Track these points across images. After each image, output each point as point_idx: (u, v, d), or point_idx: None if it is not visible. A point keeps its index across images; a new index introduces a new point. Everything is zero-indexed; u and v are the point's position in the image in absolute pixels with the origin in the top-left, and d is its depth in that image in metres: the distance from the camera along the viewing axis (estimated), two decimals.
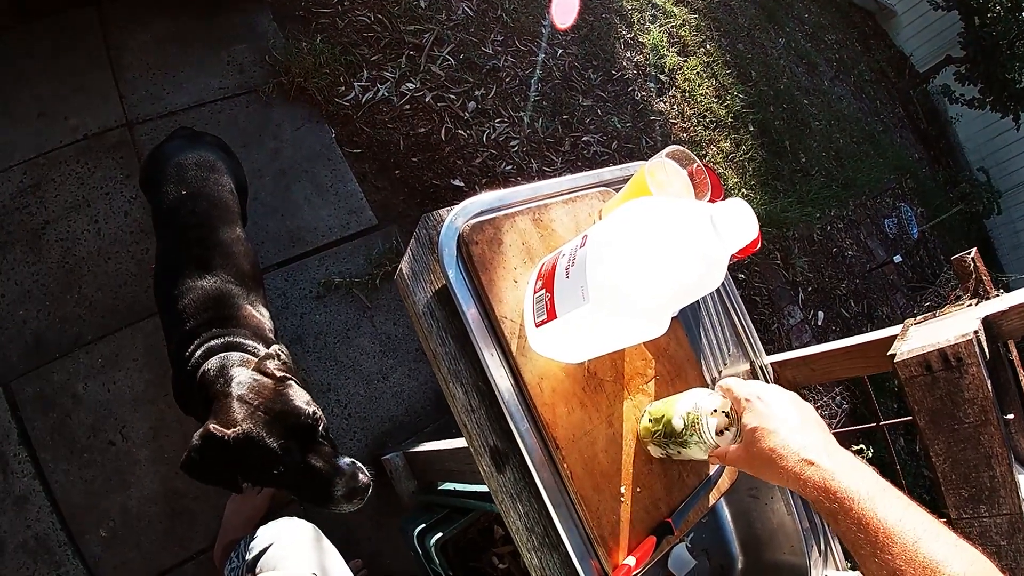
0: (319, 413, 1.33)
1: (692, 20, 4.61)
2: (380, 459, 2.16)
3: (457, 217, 1.06)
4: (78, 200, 2.25)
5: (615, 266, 0.81)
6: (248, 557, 1.43)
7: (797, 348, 3.65)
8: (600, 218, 1.23)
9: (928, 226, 6.00)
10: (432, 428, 2.41)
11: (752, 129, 4.42)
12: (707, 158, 3.94)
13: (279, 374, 1.33)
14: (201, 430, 1.22)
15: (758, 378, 1.49)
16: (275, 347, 1.42)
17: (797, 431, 0.84)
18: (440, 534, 1.62)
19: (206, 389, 1.37)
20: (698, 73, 4.31)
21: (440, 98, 2.95)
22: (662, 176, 1.12)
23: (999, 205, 6.89)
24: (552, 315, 0.93)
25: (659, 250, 0.78)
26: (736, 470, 1.25)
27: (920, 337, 1.14)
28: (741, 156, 4.17)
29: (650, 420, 1.10)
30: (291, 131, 2.66)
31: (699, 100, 4.18)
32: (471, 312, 1.01)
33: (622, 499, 1.05)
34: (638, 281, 0.79)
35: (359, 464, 1.36)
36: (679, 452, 1.06)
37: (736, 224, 0.75)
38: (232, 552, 1.56)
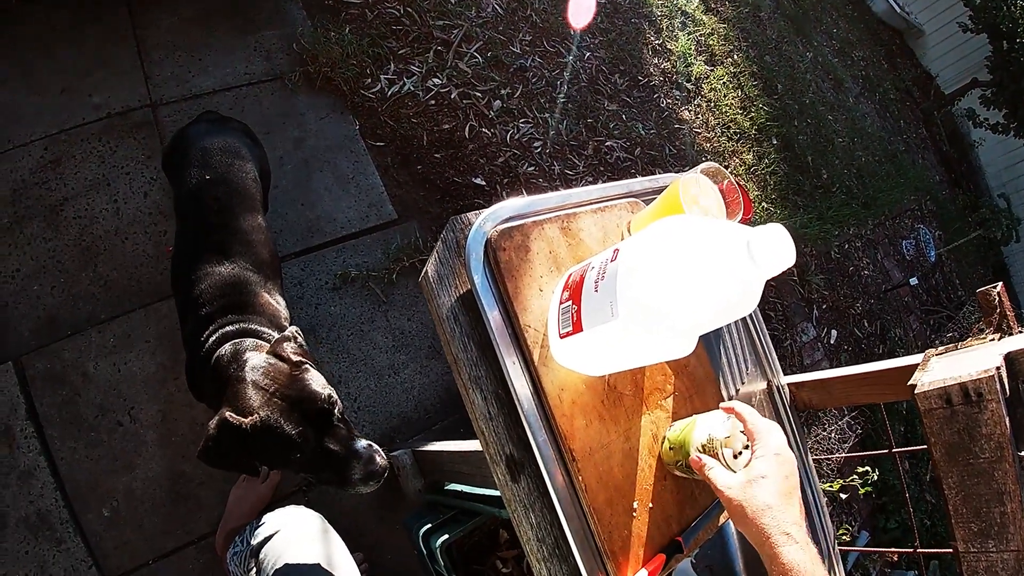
0: (335, 397, 1.32)
1: (721, 30, 4.59)
2: (388, 455, 2.15)
3: (486, 222, 1.05)
4: (98, 178, 2.25)
5: (647, 284, 0.80)
6: (253, 542, 1.43)
7: (809, 365, 3.65)
8: (628, 230, 1.21)
9: (945, 250, 5.97)
10: (440, 426, 2.40)
11: (775, 142, 4.40)
12: (730, 170, 3.91)
13: (295, 358, 1.33)
14: (217, 418, 1.21)
15: (774, 398, 1.47)
16: (291, 329, 1.42)
17: (788, 497, 0.90)
18: (446, 535, 1.61)
19: (220, 374, 1.37)
20: (724, 83, 4.29)
21: (466, 95, 2.94)
22: (695, 191, 1.11)
23: (1018, 233, 6.84)
24: (578, 328, 0.92)
25: (694, 271, 0.77)
26: None
27: (941, 369, 1.13)
28: (763, 169, 4.15)
29: (671, 448, 1.09)
30: (315, 120, 2.66)
31: (724, 111, 4.16)
32: (495, 319, 1.00)
33: (634, 514, 1.04)
34: (670, 301, 0.78)
35: (375, 447, 1.37)
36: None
37: (774, 251, 0.74)
38: (236, 536, 1.56)
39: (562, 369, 1.02)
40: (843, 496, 3.45)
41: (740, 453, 0.97)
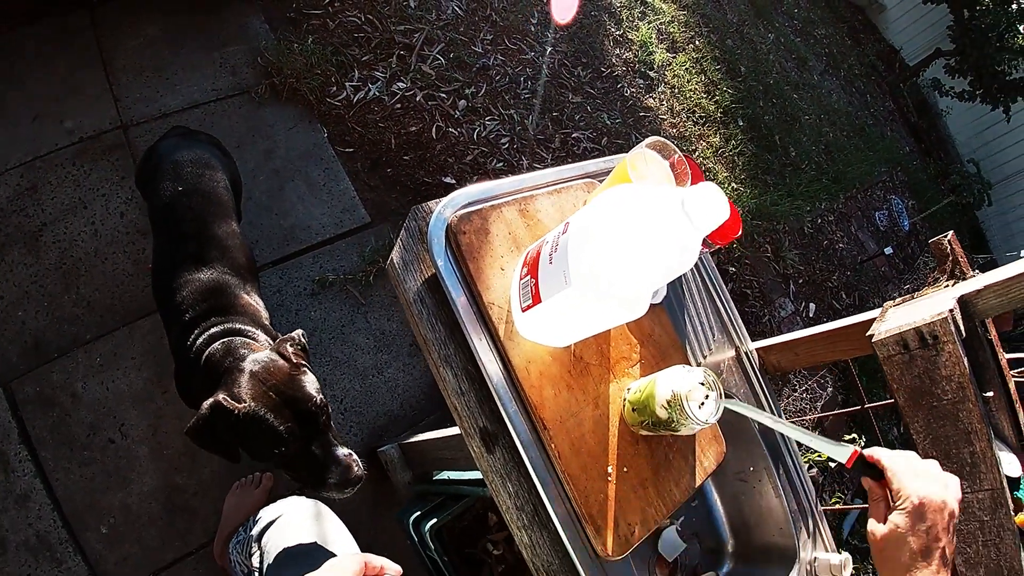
0: (325, 402, 1.36)
1: (681, 17, 4.64)
2: (376, 452, 2.19)
3: (445, 208, 1.09)
4: (75, 202, 2.28)
5: (594, 250, 0.85)
6: (254, 531, 1.47)
7: None
8: None
9: (919, 218, 6.04)
10: (427, 422, 2.43)
11: (742, 124, 4.46)
12: (696, 153, 3.97)
13: (295, 359, 1.36)
14: (211, 400, 1.25)
15: (743, 364, 1.51)
16: (297, 332, 1.45)
17: (926, 554, 0.85)
18: (435, 520, 1.65)
19: (212, 371, 1.40)
20: (687, 69, 4.34)
21: (431, 97, 2.98)
22: (642, 166, 1.15)
23: (990, 196, 6.94)
24: (537, 299, 0.96)
25: (634, 234, 0.81)
26: (721, 452, 1.28)
27: (897, 318, 1.16)
28: (731, 151, 4.20)
29: (634, 410, 1.13)
30: (284, 131, 2.69)
31: (688, 96, 4.21)
32: (460, 299, 1.04)
33: (609, 478, 1.08)
34: (615, 264, 0.83)
35: (355, 456, 1.40)
36: (672, 434, 1.10)
37: (706, 207, 0.78)
38: (240, 527, 1.60)
39: (528, 343, 1.06)
40: (832, 464, 3.49)
41: (703, 403, 1.02)
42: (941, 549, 0.84)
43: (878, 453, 0.90)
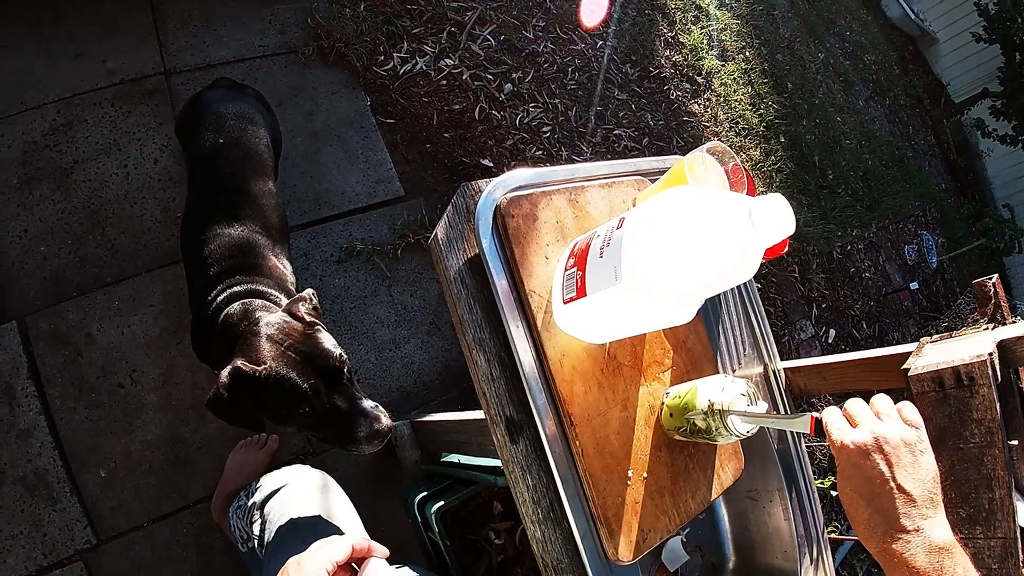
0: (345, 356, 1.34)
1: (734, 25, 4.59)
2: None
3: (496, 189, 1.06)
4: (109, 143, 2.27)
5: (651, 249, 0.82)
6: (258, 498, 1.45)
7: None
8: (634, 205, 1.23)
9: (947, 257, 5.97)
10: (439, 402, 2.42)
11: (783, 140, 4.41)
12: None
13: (308, 318, 1.34)
14: (229, 367, 1.23)
15: (770, 382, 1.49)
16: (308, 291, 1.43)
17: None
18: (441, 503, 1.63)
19: (228, 332, 1.38)
20: (735, 79, 4.29)
21: (477, 77, 2.95)
22: (700, 169, 1.12)
23: (1021, 244, 6.85)
24: (582, 293, 0.94)
25: (696, 237, 0.79)
26: (739, 468, 1.26)
27: (935, 355, 1.14)
28: (769, 166, 4.15)
29: (671, 415, 1.11)
30: (327, 95, 2.67)
31: (733, 106, 4.17)
32: (501, 283, 1.02)
33: (629, 482, 1.06)
34: (672, 266, 0.80)
35: (381, 408, 1.38)
36: (707, 443, 1.08)
37: (774, 218, 0.76)
38: (242, 491, 1.58)
39: (564, 335, 1.04)
40: (834, 493, 3.46)
41: (747, 412, 1.01)
42: (890, 486, 0.80)
43: (825, 415, 0.89)
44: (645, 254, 0.83)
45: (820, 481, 3.22)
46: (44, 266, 2.10)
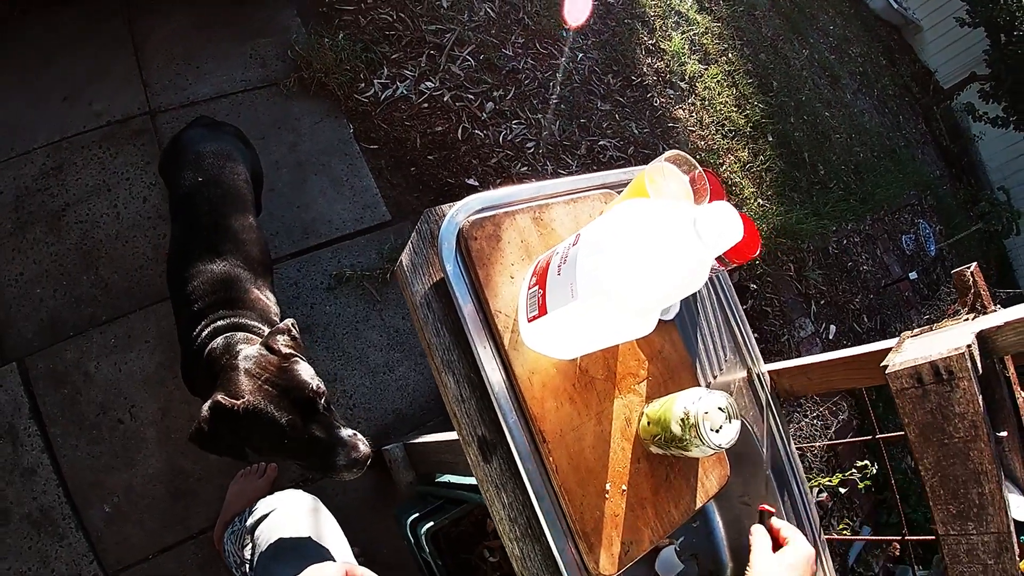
0: (322, 387, 1.36)
1: (715, 28, 4.61)
2: (381, 450, 2.19)
3: (458, 213, 1.08)
4: (99, 184, 2.31)
5: (602, 265, 0.83)
6: (249, 521, 1.47)
7: None
8: None
9: (946, 244, 5.96)
10: (435, 422, 2.43)
11: (771, 139, 4.41)
12: (724, 167, 3.94)
13: (285, 351, 1.37)
14: (210, 401, 1.26)
15: (754, 386, 1.49)
16: (287, 321, 1.45)
17: None
18: (431, 523, 1.64)
19: (212, 366, 1.41)
20: (719, 82, 4.31)
21: (458, 98, 2.98)
22: (661, 180, 1.14)
23: (1019, 226, 6.82)
24: (543, 311, 0.95)
25: (645, 251, 0.80)
26: (725, 476, 1.27)
27: (914, 350, 1.13)
28: (759, 166, 4.16)
29: (649, 423, 1.12)
30: (310, 125, 2.70)
31: (718, 109, 4.18)
32: (467, 306, 1.03)
33: (607, 496, 1.06)
34: (623, 280, 0.81)
35: (360, 436, 1.39)
36: (682, 454, 1.08)
37: (719, 226, 0.77)
38: (236, 516, 1.60)
39: (532, 353, 1.05)
40: (843, 491, 3.45)
41: (720, 428, 1.00)
42: None
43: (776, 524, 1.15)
44: (596, 270, 0.84)
45: (828, 479, 3.22)
46: (40, 307, 2.14)
